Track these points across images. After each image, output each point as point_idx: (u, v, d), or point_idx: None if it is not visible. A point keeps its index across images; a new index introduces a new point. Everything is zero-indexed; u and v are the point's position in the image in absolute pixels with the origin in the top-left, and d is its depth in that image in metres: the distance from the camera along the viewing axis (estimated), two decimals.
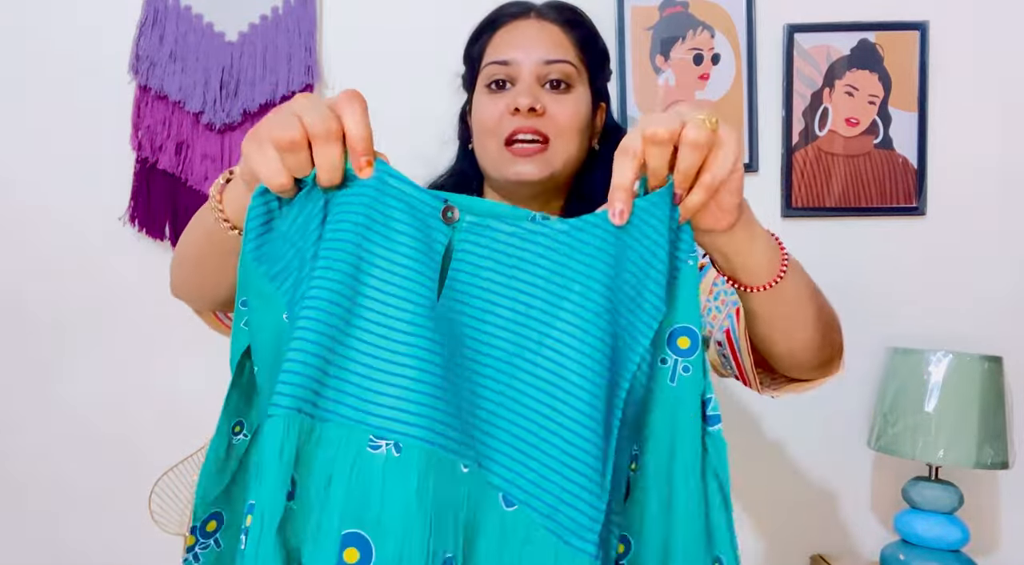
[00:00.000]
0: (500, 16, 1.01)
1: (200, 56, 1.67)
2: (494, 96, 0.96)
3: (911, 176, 1.66)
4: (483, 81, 0.98)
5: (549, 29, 0.97)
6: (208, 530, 0.58)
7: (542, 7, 1.00)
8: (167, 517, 1.64)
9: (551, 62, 0.94)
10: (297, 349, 0.49)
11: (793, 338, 0.76)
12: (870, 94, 1.66)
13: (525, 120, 0.92)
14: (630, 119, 1.66)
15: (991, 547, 1.64)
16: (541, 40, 0.96)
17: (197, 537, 0.58)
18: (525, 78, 0.94)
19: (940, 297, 1.65)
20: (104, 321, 1.72)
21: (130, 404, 1.71)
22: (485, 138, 0.96)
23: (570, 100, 0.95)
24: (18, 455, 1.73)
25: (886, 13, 1.66)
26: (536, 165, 0.92)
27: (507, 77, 0.95)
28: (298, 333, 0.50)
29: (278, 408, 0.48)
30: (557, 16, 0.98)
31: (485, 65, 0.98)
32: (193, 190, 1.68)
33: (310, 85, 1.67)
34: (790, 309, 0.73)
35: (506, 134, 0.93)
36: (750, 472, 1.66)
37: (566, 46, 0.96)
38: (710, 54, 1.67)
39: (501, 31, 0.99)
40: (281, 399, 0.49)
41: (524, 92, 0.92)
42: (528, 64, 0.94)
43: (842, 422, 1.65)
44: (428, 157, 1.71)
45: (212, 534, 0.58)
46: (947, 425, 1.40)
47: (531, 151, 0.92)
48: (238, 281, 0.56)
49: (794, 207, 1.66)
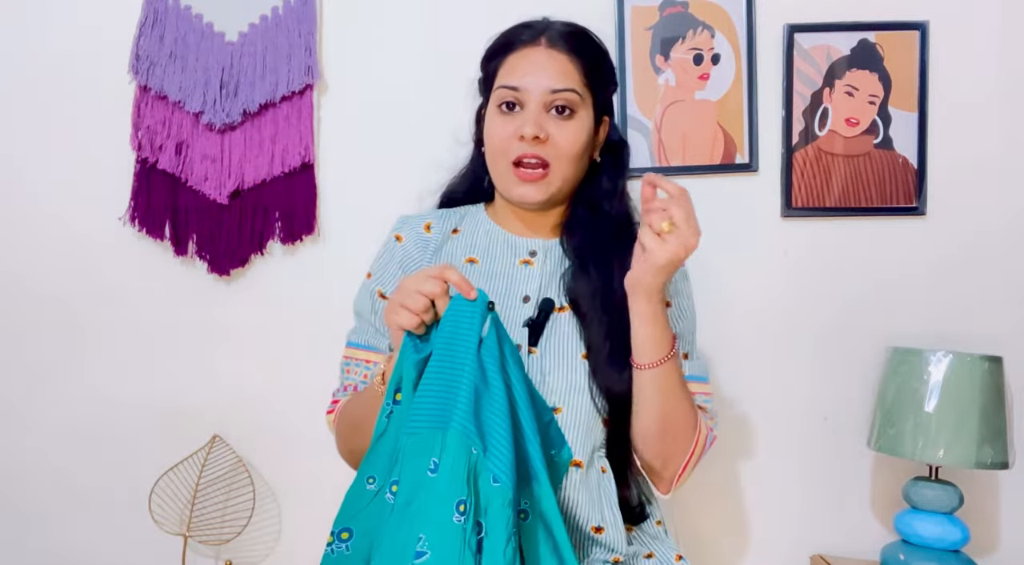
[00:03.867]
0: (514, 41, 1.13)
1: (200, 56, 1.67)
2: (504, 118, 1.10)
3: (911, 176, 1.66)
4: (495, 101, 1.12)
5: (557, 58, 1.09)
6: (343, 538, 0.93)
7: (552, 34, 1.11)
8: (167, 517, 1.64)
9: (557, 91, 1.08)
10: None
11: (639, 420, 1.06)
12: (870, 94, 1.66)
13: (530, 147, 1.07)
14: (630, 119, 1.66)
15: (991, 547, 1.64)
16: (549, 69, 1.08)
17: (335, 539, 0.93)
18: (532, 105, 1.08)
19: (940, 297, 1.65)
20: (104, 321, 1.71)
21: (130, 404, 1.71)
22: (495, 156, 1.12)
23: (572, 126, 1.09)
24: (18, 455, 1.73)
25: (886, 13, 1.66)
26: (537, 189, 1.09)
27: (516, 101, 1.09)
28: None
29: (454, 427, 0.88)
30: (565, 46, 1.10)
31: (497, 87, 1.12)
32: (193, 190, 1.68)
33: (310, 85, 1.67)
34: (648, 395, 1.04)
35: (513, 157, 1.08)
36: (750, 472, 1.66)
37: (572, 75, 1.09)
38: (710, 54, 1.67)
39: (513, 56, 1.12)
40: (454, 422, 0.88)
41: (530, 121, 1.06)
42: (536, 92, 1.08)
43: (842, 422, 1.65)
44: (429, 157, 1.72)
45: (346, 541, 0.93)
46: (947, 425, 1.40)
47: (534, 177, 1.08)
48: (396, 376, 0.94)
49: (794, 207, 1.66)
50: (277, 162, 1.67)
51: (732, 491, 1.67)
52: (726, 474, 1.67)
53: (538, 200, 1.10)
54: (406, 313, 0.91)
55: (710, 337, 1.65)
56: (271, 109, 1.67)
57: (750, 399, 1.65)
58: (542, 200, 1.10)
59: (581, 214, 1.16)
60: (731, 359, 1.65)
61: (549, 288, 1.12)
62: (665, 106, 1.67)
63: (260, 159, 1.67)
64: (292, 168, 1.67)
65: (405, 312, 0.91)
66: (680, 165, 1.67)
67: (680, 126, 1.67)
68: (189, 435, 1.66)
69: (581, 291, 1.09)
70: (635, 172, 1.65)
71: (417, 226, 1.19)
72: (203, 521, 1.64)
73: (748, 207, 1.67)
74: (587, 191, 1.17)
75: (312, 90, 1.68)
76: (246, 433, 1.68)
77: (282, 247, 1.71)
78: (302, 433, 1.65)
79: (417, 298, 0.91)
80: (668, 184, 0.99)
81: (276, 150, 1.67)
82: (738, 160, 1.67)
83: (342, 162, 1.70)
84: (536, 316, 1.08)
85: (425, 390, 0.89)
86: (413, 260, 1.16)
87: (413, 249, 1.16)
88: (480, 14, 1.69)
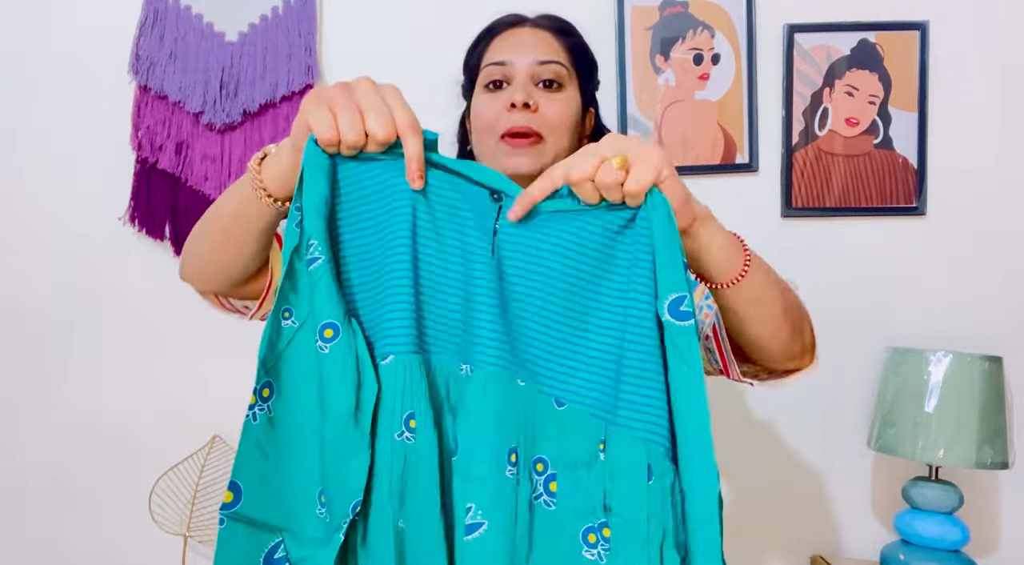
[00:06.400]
0: (497, 25, 1.11)
1: (200, 56, 1.67)
2: (492, 95, 1.05)
3: (911, 176, 1.66)
4: (482, 81, 1.07)
5: (542, 35, 1.07)
6: (264, 395, 0.70)
7: (536, 17, 1.10)
8: (167, 517, 1.64)
9: (544, 62, 1.04)
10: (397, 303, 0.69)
11: (762, 329, 0.86)
12: (870, 94, 1.66)
13: (520, 116, 1.01)
14: (630, 118, 1.66)
15: (991, 547, 1.64)
16: (535, 44, 1.06)
17: (257, 399, 0.70)
18: (520, 77, 1.04)
19: (940, 297, 1.65)
20: (104, 321, 1.71)
21: (130, 404, 1.71)
22: (483, 134, 1.05)
23: (561, 99, 1.04)
24: (18, 455, 1.73)
25: (886, 13, 1.66)
26: (529, 158, 1.01)
27: (503, 77, 1.05)
28: (394, 292, 0.70)
29: (398, 348, 0.68)
30: (549, 24, 1.09)
31: (483, 66, 1.08)
32: (193, 190, 1.68)
33: (310, 85, 1.67)
34: (757, 303, 0.84)
35: (503, 130, 1.01)
36: (750, 472, 1.66)
37: (557, 49, 1.06)
38: (710, 54, 1.67)
39: (498, 38, 1.09)
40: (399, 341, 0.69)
41: (519, 89, 1.02)
42: (523, 65, 1.04)
43: (842, 422, 1.65)
44: None
45: (268, 399, 0.71)
46: (947, 425, 1.40)
47: (525, 144, 1.01)
48: (299, 193, 0.70)
49: (794, 207, 1.66)
50: None
51: (732, 491, 1.67)
52: (726, 474, 1.67)
53: (530, 171, 0.99)
54: (327, 116, 0.70)
55: None
56: (271, 109, 1.67)
57: (750, 399, 1.65)
58: (534, 172, 0.98)
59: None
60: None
61: None
62: (665, 106, 1.67)
63: None
64: None
65: (327, 114, 0.71)
66: (680, 165, 1.67)
67: (680, 126, 1.67)
68: (189, 435, 1.66)
69: None
70: None
71: None
72: (203, 521, 1.64)
73: (748, 207, 1.67)
74: None
75: (312, 90, 1.68)
76: None
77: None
78: None
79: (349, 97, 0.72)
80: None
81: None
82: (738, 160, 1.67)
83: None
84: None
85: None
86: None
87: None
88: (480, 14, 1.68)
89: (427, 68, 1.69)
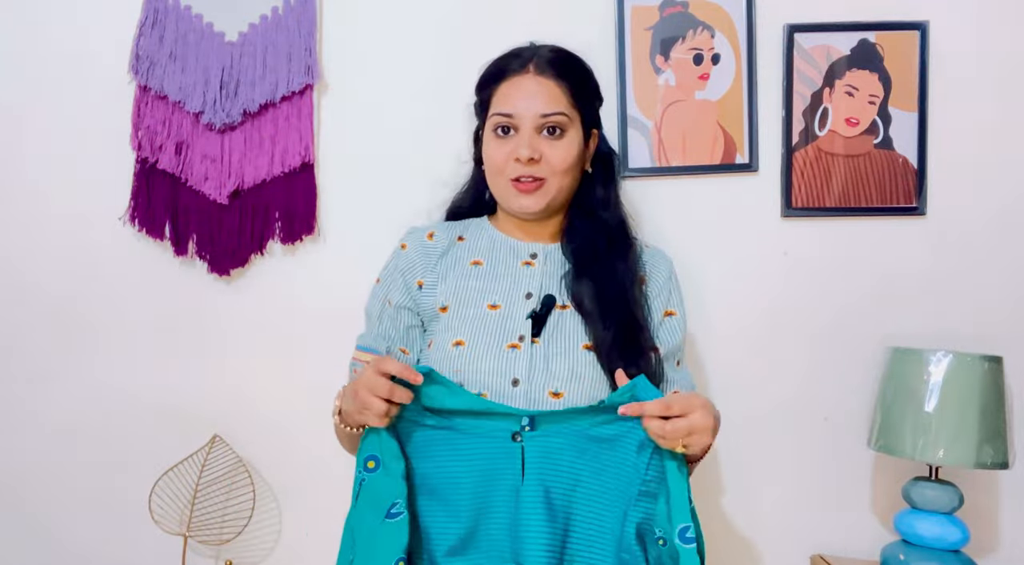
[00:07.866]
0: (505, 69, 1.22)
1: (200, 56, 1.67)
2: (500, 141, 1.20)
3: (911, 176, 1.66)
4: (491, 126, 1.22)
5: (545, 85, 1.19)
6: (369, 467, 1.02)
7: (540, 61, 1.20)
8: (167, 517, 1.64)
9: (547, 115, 1.18)
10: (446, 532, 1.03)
11: None
12: (870, 94, 1.66)
13: (526, 167, 1.17)
14: (630, 119, 1.66)
15: (991, 547, 1.64)
16: (539, 96, 1.18)
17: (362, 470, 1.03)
18: (525, 129, 1.18)
19: (940, 297, 1.65)
20: (104, 321, 1.71)
21: (130, 404, 1.71)
22: (495, 176, 1.22)
23: (563, 145, 1.19)
24: (17, 455, 1.73)
25: (886, 13, 1.66)
26: (535, 199, 1.19)
27: (510, 125, 1.19)
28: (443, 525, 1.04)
29: None
30: (552, 71, 1.20)
31: (492, 114, 1.21)
32: (193, 190, 1.68)
33: (310, 85, 1.67)
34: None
35: (511, 176, 1.19)
36: (750, 472, 1.66)
37: (560, 99, 1.19)
38: (710, 54, 1.67)
39: (504, 85, 1.21)
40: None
41: (524, 144, 1.17)
42: (528, 117, 1.18)
43: (842, 422, 1.65)
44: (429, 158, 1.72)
45: (373, 470, 1.02)
46: (947, 425, 1.40)
47: (531, 187, 1.18)
48: (373, 442, 1.05)
49: (794, 207, 1.66)
50: (277, 162, 1.67)
51: (732, 491, 1.67)
52: (726, 474, 1.67)
53: (537, 209, 1.20)
54: (374, 418, 1.00)
55: (710, 337, 1.65)
56: (271, 109, 1.67)
57: (750, 399, 1.65)
58: (541, 209, 1.20)
59: (578, 220, 1.27)
60: (731, 359, 1.65)
61: (549, 286, 1.21)
62: (665, 106, 1.67)
63: (260, 159, 1.67)
64: (292, 168, 1.67)
65: (373, 417, 1.00)
66: (680, 165, 1.67)
67: (680, 126, 1.67)
68: (189, 435, 1.66)
69: (582, 290, 1.18)
70: (636, 172, 1.66)
71: (421, 235, 1.29)
72: (203, 521, 1.64)
73: (748, 207, 1.67)
74: (582, 199, 1.28)
75: (312, 90, 1.68)
76: (246, 433, 1.68)
77: (282, 247, 1.71)
78: (302, 433, 1.65)
79: (374, 403, 0.99)
80: (639, 407, 0.99)
81: (276, 150, 1.67)
82: (738, 160, 1.67)
83: (342, 162, 1.70)
84: (539, 308, 1.17)
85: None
86: (415, 266, 1.25)
87: (416, 256, 1.26)
88: (480, 14, 1.69)
89: (427, 67, 1.70)
